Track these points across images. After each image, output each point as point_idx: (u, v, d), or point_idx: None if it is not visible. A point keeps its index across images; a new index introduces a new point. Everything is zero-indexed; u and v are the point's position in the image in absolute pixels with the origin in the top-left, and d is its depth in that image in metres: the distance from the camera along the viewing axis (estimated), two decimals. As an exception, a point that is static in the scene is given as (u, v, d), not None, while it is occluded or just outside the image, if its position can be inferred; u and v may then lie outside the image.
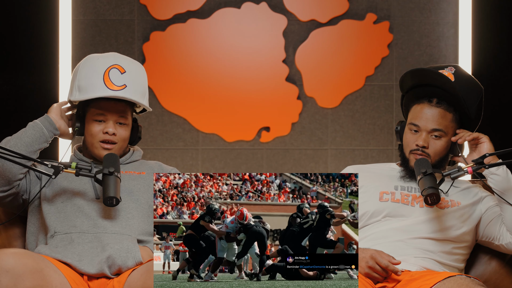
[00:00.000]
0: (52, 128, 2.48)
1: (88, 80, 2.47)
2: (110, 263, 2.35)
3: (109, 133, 2.48)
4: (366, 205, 2.56)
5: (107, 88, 2.45)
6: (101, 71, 2.47)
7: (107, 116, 2.48)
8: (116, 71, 2.47)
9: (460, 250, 2.54)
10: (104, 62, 2.49)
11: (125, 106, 2.50)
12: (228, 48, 4.45)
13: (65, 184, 2.49)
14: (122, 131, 2.51)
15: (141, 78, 2.53)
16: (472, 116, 2.55)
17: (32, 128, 2.46)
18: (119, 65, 2.49)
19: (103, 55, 2.54)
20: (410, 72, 2.59)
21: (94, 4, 4.41)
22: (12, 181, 2.43)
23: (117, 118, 2.49)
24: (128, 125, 2.53)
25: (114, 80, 2.46)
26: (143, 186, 2.54)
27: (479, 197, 2.58)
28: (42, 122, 2.47)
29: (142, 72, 2.55)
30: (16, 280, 2.14)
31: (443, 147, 2.55)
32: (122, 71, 2.48)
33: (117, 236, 2.41)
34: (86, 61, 2.52)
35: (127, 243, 2.39)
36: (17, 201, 2.51)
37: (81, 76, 2.48)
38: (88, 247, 2.38)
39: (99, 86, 2.45)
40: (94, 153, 2.51)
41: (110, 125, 2.48)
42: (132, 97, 2.47)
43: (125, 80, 2.47)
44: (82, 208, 2.45)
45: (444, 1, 4.42)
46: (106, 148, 2.49)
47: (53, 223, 2.44)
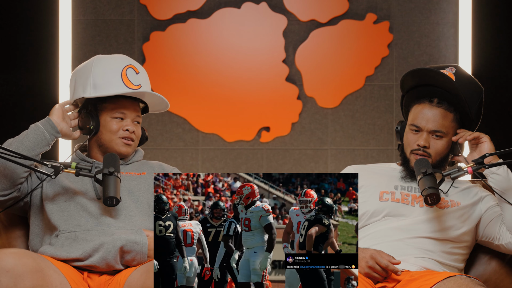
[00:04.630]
0: (54, 131, 2.48)
1: (106, 77, 2.50)
2: (122, 253, 2.37)
3: (129, 130, 2.54)
4: (366, 204, 2.56)
5: (127, 87, 2.51)
6: (118, 70, 2.52)
7: (126, 114, 2.55)
8: (132, 71, 2.54)
9: (460, 250, 2.54)
10: (120, 61, 2.55)
11: (138, 106, 2.59)
12: (228, 48, 4.45)
13: (66, 183, 2.51)
14: (138, 129, 2.59)
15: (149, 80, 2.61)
16: (473, 116, 2.56)
17: (34, 131, 2.46)
18: (133, 65, 2.56)
19: (114, 56, 2.59)
20: (411, 72, 2.59)
21: (94, 4, 4.41)
22: (15, 182, 2.44)
23: (134, 116, 2.57)
24: (140, 125, 2.61)
25: (132, 79, 2.53)
26: (143, 186, 2.56)
27: (479, 197, 2.58)
28: (44, 125, 2.48)
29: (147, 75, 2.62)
30: (16, 280, 2.15)
31: (444, 147, 2.55)
32: (137, 72, 2.55)
33: (123, 230, 2.42)
34: (99, 60, 2.55)
35: (134, 234, 2.41)
36: (18, 204, 2.52)
37: (97, 74, 2.51)
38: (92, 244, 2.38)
39: (118, 84, 2.50)
40: (114, 150, 2.55)
41: (129, 122, 2.55)
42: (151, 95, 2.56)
43: (140, 80, 2.54)
44: (85, 207, 2.46)
45: (444, 1, 4.42)
46: (127, 144, 2.56)
47: (57, 222, 2.44)
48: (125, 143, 2.55)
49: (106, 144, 2.55)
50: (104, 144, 2.56)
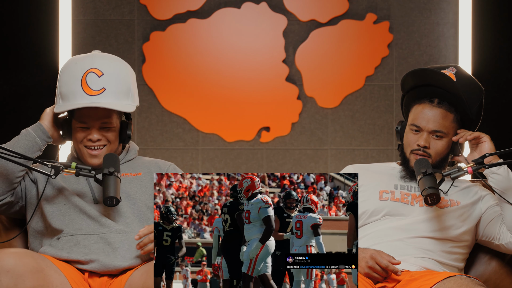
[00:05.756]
0: (45, 137, 2.46)
1: (68, 86, 2.42)
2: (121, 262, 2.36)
3: (92, 140, 2.44)
4: (366, 203, 2.56)
5: (86, 94, 2.40)
6: (78, 77, 2.42)
7: (89, 123, 2.44)
8: (93, 75, 2.42)
9: (459, 249, 2.54)
10: (81, 66, 2.44)
11: (107, 110, 2.44)
12: (228, 48, 4.45)
13: (63, 184, 2.49)
14: (108, 134, 2.47)
15: (122, 76, 2.46)
16: (473, 116, 2.56)
17: (24, 137, 2.44)
18: (96, 68, 2.42)
19: (81, 57, 2.48)
20: (412, 72, 2.59)
21: (94, 4, 4.41)
22: (12, 181, 2.43)
23: (99, 124, 2.45)
24: (115, 127, 2.49)
25: (92, 85, 2.41)
26: (140, 188, 2.52)
27: (479, 196, 2.58)
28: (34, 130, 2.45)
29: (123, 70, 2.48)
30: (17, 280, 2.15)
31: (444, 147, 2.55)
32: (99, 74, 2.42)
33: (123, 235, 2.41)
34: (66, 66, 2.48)
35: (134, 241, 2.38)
36: (13, 209, 2.50)
37: (62, 83, 2.45)
38: (94, 248, 2.38)
39: (79, 93, 2.40)
40: (83, 160, 2.48)
41: (93, 132, 2.44)
42: (111, 100, 2.42)
43: (103, 83, 2.42)
44: (85, 210, 2.44)
45: (444, 1, 4.42)
46: (93, 154, 2.46)
47: (60, 226, 2.43)
48: (91, 154, 2.45)
49: (78, 153, 2.50)
50: (77, 154, 2.51)
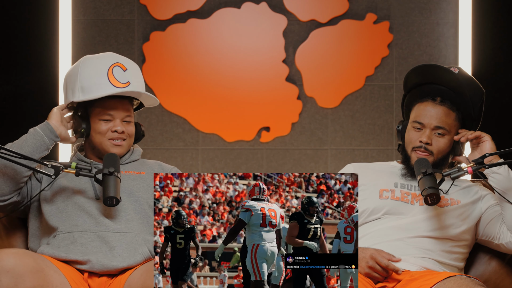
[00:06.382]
0: (53, 136, 2.47)
1: (92, 79, 2.48)
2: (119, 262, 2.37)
3: (118, 131, 2.52)
4: (366, 202, 2.56)
5: (113, 86, 2.48)
6: (104, 70, 2.49)
7: (114, 115, 2.52)
8: (119, 69, 2.51)
9: (459, 248, 2.54)
10: (105, 61, 2.52)
11: (129, 104, 2.55)
12: (228, 48, 4.45)
13: (64, 183, 2.50)
14: (129, 127, 2.55)
15: (141, 75, 2.59)
16: (475, 116, 2.56)
17: (33, 136, 2.45)
18: (120, 63, 2.52)
19: (100, 55, 2.57)
20: (415, 69, 2.60)
21: (94, 4, 4.41)
22: (19, 181, 2.44)
23: (124, 116, 2.53)
24: (133, 122, 2.58)
25: (119, 77, 2.50)
26: (142, 186, 2.55)
27: (479, 195, 2.58)
28: (43, 130, 2.47)
29: (139, 70, 2.60)
30: (17, 280, 2.15)
31: (446, 145, 2.55)
32: (124, 69, 2.51)
33: (121, 235, 2.42)
34: (85, 62, 2.53)
35: (132, 240, 2.41)
36: (18, 208, 2.51)
37: (83, 77, 2.49)
38: (91, 247, 2.38)
39: (105, 84, 2.47)
40: (106, 151, 2.53)
41: (118, 123, 2.52)
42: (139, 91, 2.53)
43: (128, 77, 2.51)
44: (83, 207, 2.46)
45: (444, 1, 4.42)
46: (117, 144, 2.53)
47: (55, 223, 2.44)
48: (114, 144, 2.53)
49: (98, 146, 2.54)
50: (96, 147, 2.55)
